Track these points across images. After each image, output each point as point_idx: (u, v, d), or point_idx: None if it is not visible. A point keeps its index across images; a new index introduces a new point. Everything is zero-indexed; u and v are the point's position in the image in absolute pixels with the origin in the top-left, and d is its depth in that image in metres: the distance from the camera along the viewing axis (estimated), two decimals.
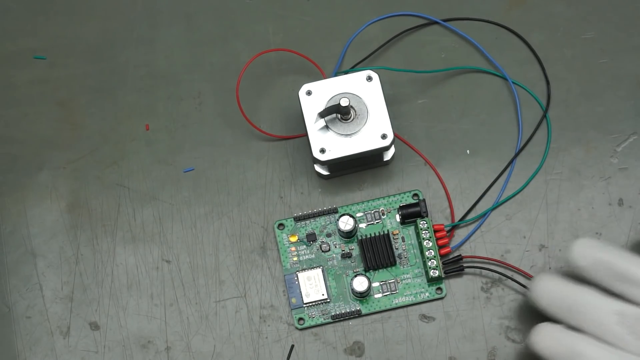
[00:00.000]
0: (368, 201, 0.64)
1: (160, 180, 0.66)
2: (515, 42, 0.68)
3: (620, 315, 0.53)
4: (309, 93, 0.62)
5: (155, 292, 0.63)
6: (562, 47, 0.68)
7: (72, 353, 0.62)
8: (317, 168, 0.65)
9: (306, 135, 0.62)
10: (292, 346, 0.62)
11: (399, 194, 0.64)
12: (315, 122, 0.61)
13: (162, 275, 0.64)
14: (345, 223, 0.62)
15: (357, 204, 0.64)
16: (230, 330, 0.62)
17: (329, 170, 0.65)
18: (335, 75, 0.66)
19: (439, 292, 0.62)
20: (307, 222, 0.63)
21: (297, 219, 0.63)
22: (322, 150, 0.61)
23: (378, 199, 0.64)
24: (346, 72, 0.65)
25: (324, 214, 0.63)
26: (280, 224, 0.63)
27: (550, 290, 0.56)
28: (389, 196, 0.64)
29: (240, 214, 0.65)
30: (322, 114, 0.60)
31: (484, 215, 0.64)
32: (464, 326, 0.62)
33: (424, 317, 0.62)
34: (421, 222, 0.62)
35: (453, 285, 0.62)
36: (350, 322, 0.62)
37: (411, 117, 0.67)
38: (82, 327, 0.63)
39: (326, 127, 0.61)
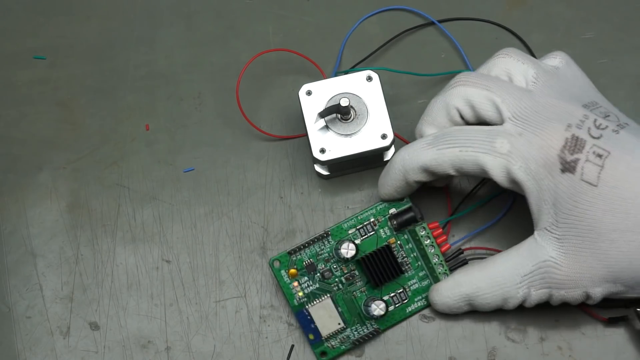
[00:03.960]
0: (356, 216, 0.61)
1: (160, 180, 0.66)
2: (516, 42, 0.68)
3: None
4: (309, 93, 0.62)
5: (155, 292, 0.63)
6: (562, 47, 0.68)
7: (72, 353, 0.62)
8: (317, 168, 0.65)
9: (306, 135, 0.62)
10: (292, 346, 0.62)
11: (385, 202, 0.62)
12: (315, 122, 0.61)
13: (162, 275, 0.64)
14: (347, 250, 0.59)
15: (347, 220, 0.61)
16: (230, 330, 0.62)
17: (329, 170, 0.64)
18: (335, 75, 0.66)
19: None
20: (302, 253, 0.60)
21: (291, 253, 0.60)
22: (322, 150, 0.61)
23: (365, 210, 0.61)
24: (346, 72, 0.65)
25: (316, 241, 0.60)
26: (276, 261, 0.60)
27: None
28: (375, 205, 0.61)
29: (240, 214, 0.65)
30: (322, 114, 0.60)
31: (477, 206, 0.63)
32: (464, 326, 0.62)
33: (424, 317, 0.62)
34: (420, 230, 0.60)
35: None
36: None
37: (411, 117, 0.67)
38: (82, 327, 0.63)
39: (326, 127, 0.61)
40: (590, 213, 0.53)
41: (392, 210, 0.61)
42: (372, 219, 0.61)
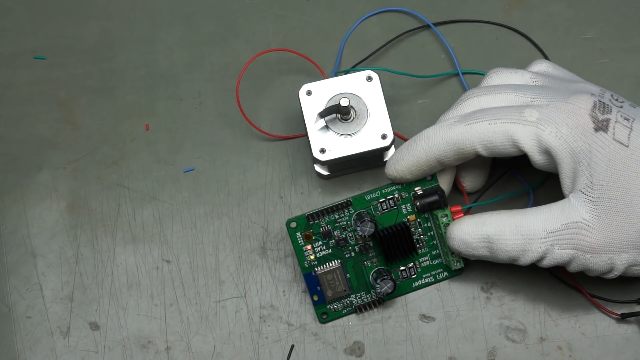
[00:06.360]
0: (381, 189, 0.60)
1: (160, 180, 0.66)
2: (515, 42, 0.68)
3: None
4: (309, 93, 0.62)
5: (155, 292, 0.63)
6: (562, 47, 0.68)
7: (72, 353, 0.62)
8: (317, 168, 0.65)
9: (306, 135, 0.62)
10: (292, 346, 0.62)
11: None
12: (315, 122, 0.61)
13: (162, 275, 0.64)
14: (366, 229, 0.58)
15: (370, 192, 0.60)
16: (230, 330, 0.62)
17: (329, 170, 0.64)
18: (335, 75, 0.66)
19: (457, 270, 0.61)
20: (320, 219, 0.60)
21: (309, 218, 0.60)
22: (322, 150, 0.61)
23: (390, 184, 0.60)
24: (346, 72, 0.65)
25: (337, 209, 0.60)
26: (293, 222, 0.60)
27: None
28: None
29: (240, 214, 0.65)
30: (322, 114, 0.60)
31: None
32: (464, 326, 0.62)
33: (424, 317, 0.62)
34: (442, 216, 0.59)
35: (453, 285, 0.62)
36: (350, 322, 0.62)
37: (411, 117, 0.67)
38: (82, 327, 0.63)
39: (326, 127, 0.61)
40: (625, 175, 0.53)
41: (418, 189, 0.60)
42: (395, 194, 0.60)
